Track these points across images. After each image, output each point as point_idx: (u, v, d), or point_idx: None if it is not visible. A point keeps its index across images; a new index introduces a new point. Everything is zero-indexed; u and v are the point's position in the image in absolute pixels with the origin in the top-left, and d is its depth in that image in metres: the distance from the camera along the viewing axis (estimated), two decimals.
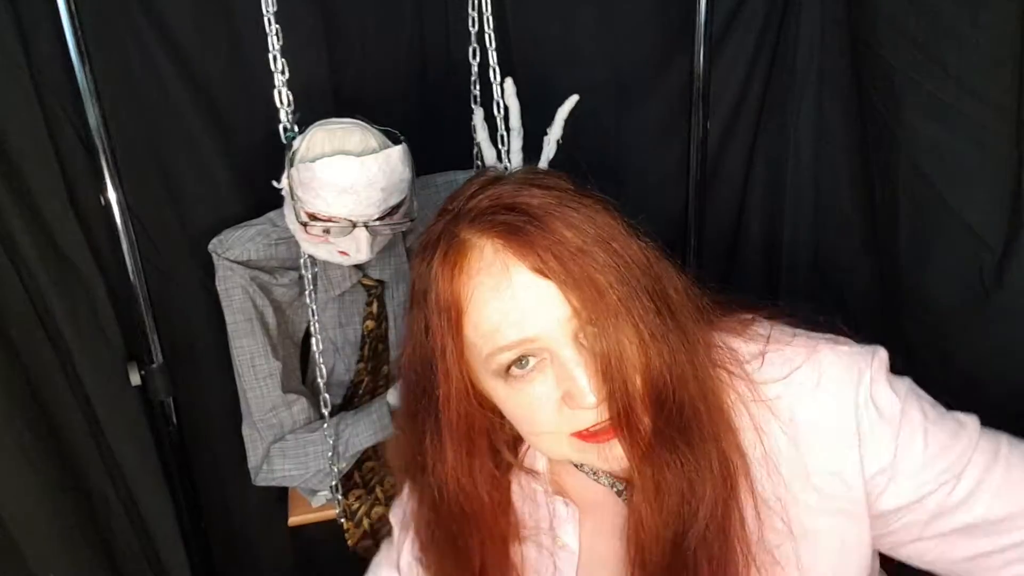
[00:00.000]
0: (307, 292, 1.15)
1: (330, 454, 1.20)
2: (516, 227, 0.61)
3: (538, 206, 0.62)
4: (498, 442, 0.72)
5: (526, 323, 0.61)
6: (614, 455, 0.64)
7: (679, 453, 0.63)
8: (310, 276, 1.14)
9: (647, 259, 0.64)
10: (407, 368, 0.69)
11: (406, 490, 0.81)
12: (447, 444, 0.68)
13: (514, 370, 0.62)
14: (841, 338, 0.69)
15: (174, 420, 1.28)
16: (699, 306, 0.67)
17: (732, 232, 1.50)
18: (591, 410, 0.61)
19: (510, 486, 0.76)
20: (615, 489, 0.73)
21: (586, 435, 0.63)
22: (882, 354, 0.67)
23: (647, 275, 0.63)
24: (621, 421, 0.61)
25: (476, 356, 0.64)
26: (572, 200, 0.63)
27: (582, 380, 0.60)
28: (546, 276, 0.60)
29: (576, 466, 0.74)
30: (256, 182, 1.15)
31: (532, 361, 0.62)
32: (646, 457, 0.63)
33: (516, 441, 0.75)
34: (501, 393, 0.65)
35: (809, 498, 0.66)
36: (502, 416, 0.69)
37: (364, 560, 1.24)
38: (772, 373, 0.67)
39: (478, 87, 1.21)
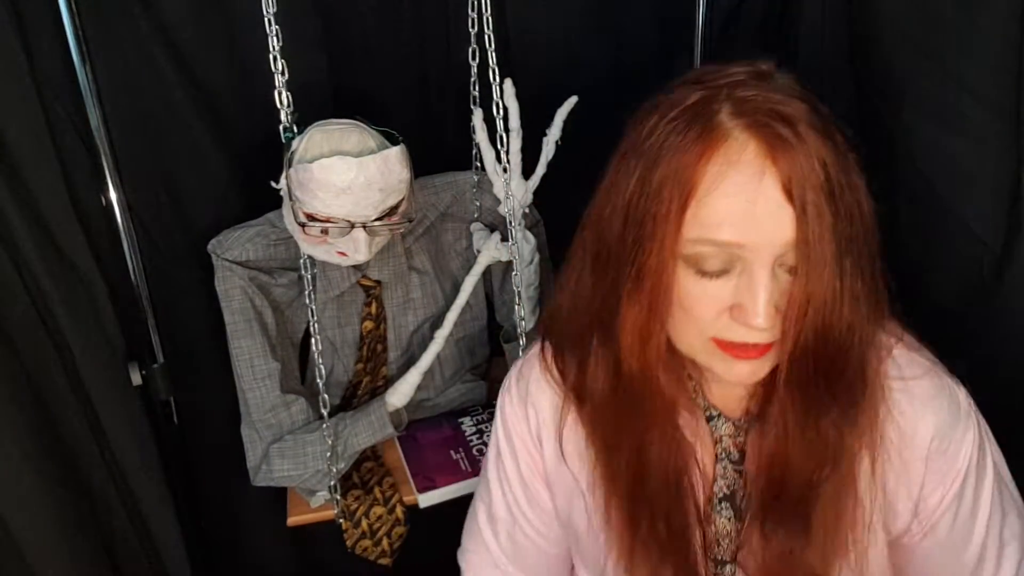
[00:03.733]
0: (306, 293, 1.15)
1: (328, 454, 1.20)
2: (784, 140, 0.60)
3: (806, 125, 0.61)
4: None
5: (747, 230, 0.61)
6: (740, 372, 0.66)
7: (830, 402, 0.66)
8: (309, 277, 1.15)
9: (873, 224, 0.65)
10: (608, 217, 0.67)
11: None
12: (645, 308, 0.66)
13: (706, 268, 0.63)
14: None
15: (175, 420, 1.29)
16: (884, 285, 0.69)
17: None
18: (751, 330, 0.63)
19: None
20: (707, 413, 0.74)
21: (727, 345, 0.65)
22: (986, 429, 0.73)
23: (868, 240, 0.64)
24: (787, 359, 0.64)
25: (681, 234, 0.64)
26: (833, 132, 0.63)
27: (761, 301, 0.61)
28: (791, 200, 0.60)
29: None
30: (256, 182, 1.15)
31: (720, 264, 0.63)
32: (799, 397, 0.66)
33: None
34: (677, 274, 0.64)
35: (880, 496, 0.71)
36: None
37: (363, 560, 1.25)
38: (895, 370, 0.71)
39: (477, 88, 1.21)
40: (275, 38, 1.01)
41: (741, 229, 0.61)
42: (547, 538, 0.86)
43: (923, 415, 0.70)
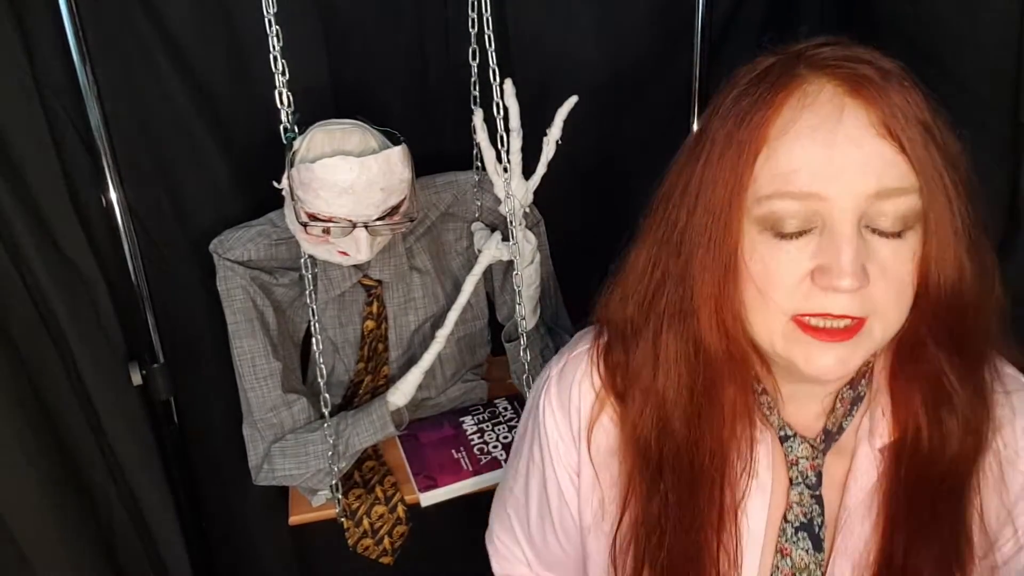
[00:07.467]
0: (307, 292, 1.15)
1: (330, 453, 1.20)
2: (866, 77, 0.55)
3: (893, 66, 0.56)
4: None
5: (826, 179, 0.54)
6: (823, 361, 0.57)
7: (954, 380, 0.60)
8: (310, 276, 1.15)
9: (974, 187, 0.59)
10: (677, 195, 0.63)
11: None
12: (722, 280, 0.60)
13: (781, 228, 0.57)
14: None
15: (175, 420, 1.29)
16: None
17: None
18: (837, 294, 0.55)
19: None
20: (782, 433, 0.67)
21: (810, 326, 0.57)
22: None
23: (975, 205, 0.58)
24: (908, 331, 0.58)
25: (750, 194, 0.58)
26: (925, 89, 0.57)
27: (846, 256, 0.54)
28: (889, 135, 0.54)
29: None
30: (257, 182, 1.15)
31: (796, 224, 0.56)
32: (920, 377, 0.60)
33: None
34: (751, 244, 0.58)
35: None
36: None
37: (364, 559, 1.25)
38: (997, 383, 0.65)
39: (478, 88, 1.21)
40: (275, 38, 1.00)
41: (819, 177, 0.54)
42: (575, 549, 0.80)
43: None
